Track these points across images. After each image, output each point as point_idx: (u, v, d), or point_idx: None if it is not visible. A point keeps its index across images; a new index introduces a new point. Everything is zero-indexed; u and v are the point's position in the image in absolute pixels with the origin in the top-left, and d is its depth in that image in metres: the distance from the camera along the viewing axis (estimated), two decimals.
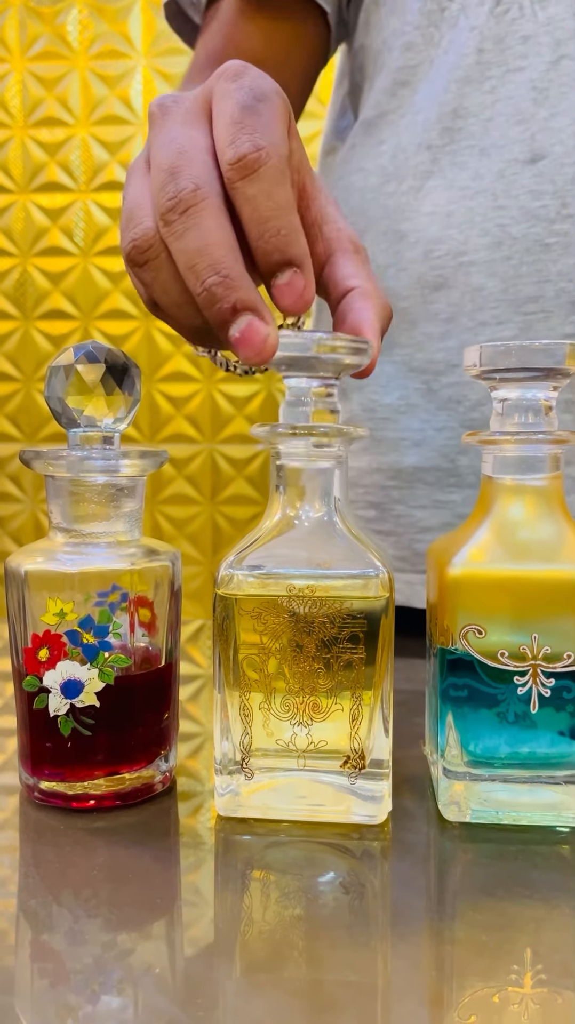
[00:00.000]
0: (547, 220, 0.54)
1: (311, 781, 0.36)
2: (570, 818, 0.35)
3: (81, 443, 0.38)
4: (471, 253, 0.56)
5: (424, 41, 0.58)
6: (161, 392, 1.48)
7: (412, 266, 0.59)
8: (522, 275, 0.55)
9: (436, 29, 0.57)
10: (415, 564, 0.61)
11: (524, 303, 0.55)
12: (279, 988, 0.26)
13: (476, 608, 0.34)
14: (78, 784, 0.37)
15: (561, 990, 0.26)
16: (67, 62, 1.46)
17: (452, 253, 0.57)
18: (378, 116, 0.61)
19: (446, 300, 0.58)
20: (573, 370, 0.34)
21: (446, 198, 0.57)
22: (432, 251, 0.58)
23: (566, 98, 0.53)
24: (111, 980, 0.26)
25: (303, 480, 0.36)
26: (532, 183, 0.54)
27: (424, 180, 0.58)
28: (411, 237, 0.59)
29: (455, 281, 0.57)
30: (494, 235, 0.55)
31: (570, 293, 0.54)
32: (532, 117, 0.54)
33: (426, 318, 0.59)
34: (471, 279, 0.56)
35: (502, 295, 0.56)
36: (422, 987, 0.27)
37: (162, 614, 0.38)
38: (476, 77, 0.55)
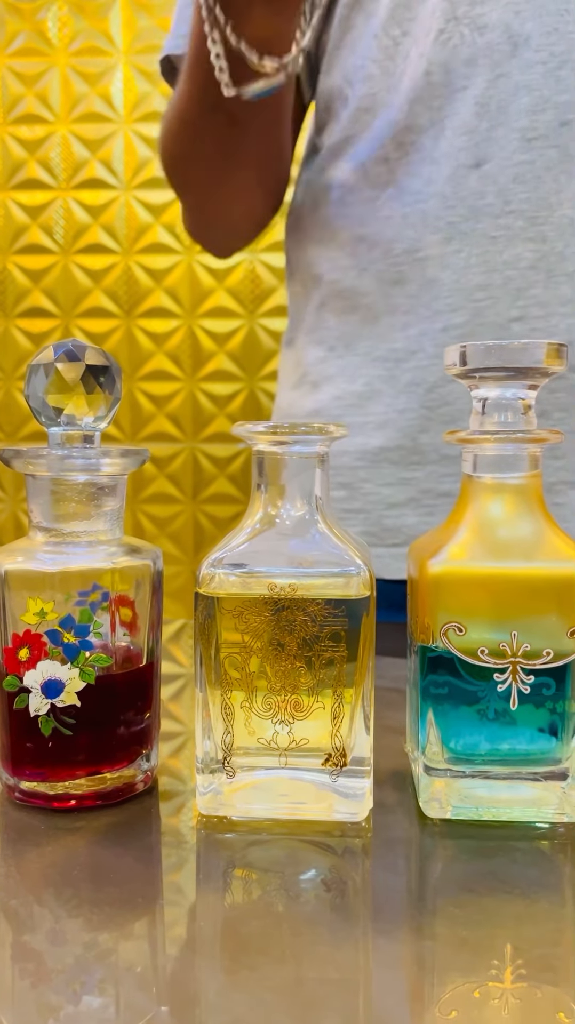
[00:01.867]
0: (492, 216, 0.61)
1: (293, 779, 0.36)
2: (549, 814, 0.35)
3: (61, 442, 0.37)
4: (425, 249, 0.63)
5: (381, 72, 0.65)
6: (142, 391, 1.48)
7: (373, 265, 0.66)
8: (471, 266, 0.62)
9: (391, 61, 0.64)
10: (383, 539, 0.66)
11: (474, 291, 0.62)
12: (261, 986, 0.26)
13: (456, 606, 0.34)
14: (59, 784, 0.37)
15: (541, 984, 0.26)
16: (47, 59, 1.46)
17: (408, 251, 0.64)
18: (343, 140, 0.68)
19: (404, 293, 0.64)
20: (552, 369, 0.34)
21: (401, 203, 0.64)
22: (391, 250, 0.65)
23: (504, 111, 0.61)
24: (93, 980, 0.26)
25: (284, 479, 0.36)
26: (478, 184, 0.61)
27: (382, 190, 0.65)
28: (370, 240, 0.66)
29: (412, 275, 0.64)
30: (445, 232, 0.62)
31: (515, 280, 0.61)
32: (475, 129, 0.61)
33: (387, 311, 0.65)
34: (426, 272, 0.63)
35: (454, 285, 0.62)
36: (403, 983, 0.27)
37: (143, 613, 0.38)
38: (426, 97, 0.62)
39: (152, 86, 1.45)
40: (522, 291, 0.61)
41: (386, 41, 0.64)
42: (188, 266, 1.46)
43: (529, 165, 0.60)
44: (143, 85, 1.45)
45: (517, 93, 0.60)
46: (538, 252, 0.60)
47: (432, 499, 0.65)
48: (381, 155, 0.65)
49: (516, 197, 0.60)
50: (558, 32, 0.59)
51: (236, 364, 1.45)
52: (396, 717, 0.45)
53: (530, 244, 0.60)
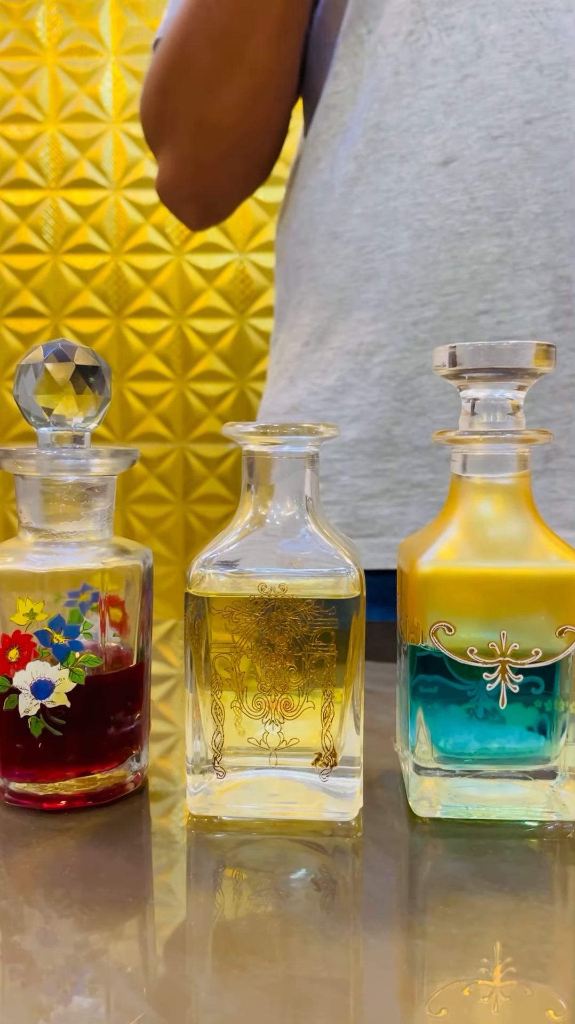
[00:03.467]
0: (459, 212, 0.63)
1: (283, 779, 0.36)
2: (539, 812, 0.36)
3: (51, 442, 0.37)
4: (396, 245, 0.65)
5: (348, 70, 0.66)
6: (132, 391, 1.47)
7: (347, 262, 0.67)
8: (440, 261, 0.63)
9: (357, 58, 0.66)
10: (359, 529, 0.68)
11: (443, 285, 0.63)
12: (251, 985, 0.26)
13: (446, 605, 0.34)
14: (49, 785, 0.37)
15: (530, 982, 0.26)
16: (36, 58, 1.45)
17: (381, 247, 0.65)
18: (314, 137, 0.70)
19: (375, 288, 0.66)
20: (541, 370, 0.34)
21: (373, 200, 0.66)
22: (364, 247, 0.66)
23: (470, 109, 0.62)
24: (83, 980, 0.26)
25: (274, 479, 0.36)
26: (445, 182, 0.63)
27: (352, 187, 0.67)
28: (345, 237, 0.67)
29: (383, 271, 0.65)
30: (415, 228, 0.64)
31: (482, 275, 0.63)
32: (443, 127, 0.63)
33: (359, 306, 0.67)
34: (397, 268, 0.65)
35: (424, 280, 0.64)
36: (393, 981, 0.27)
37: (133, 613, 0.38)
38: (394, 96, 0.64)
39: (141, 86, 1.44)
40: (488, 285, 0.62)
41: (352, 39, 0.66)
42: (178, 266, 1.46)
43: (495, 162, 0.62)
44: (132, 85, 1.44)
45: (483, 92, 0.62)
46: (504, 247, 0.62)
47: (406, 490, 0.66)
48: (352, 152, 0.66)
49: (482, 194, 0.62)
50: (523, 33, 0.61)
51: (226, 364, 1.45)
52: (386, 717, 0.45)
53: (496, 239, 0.62)
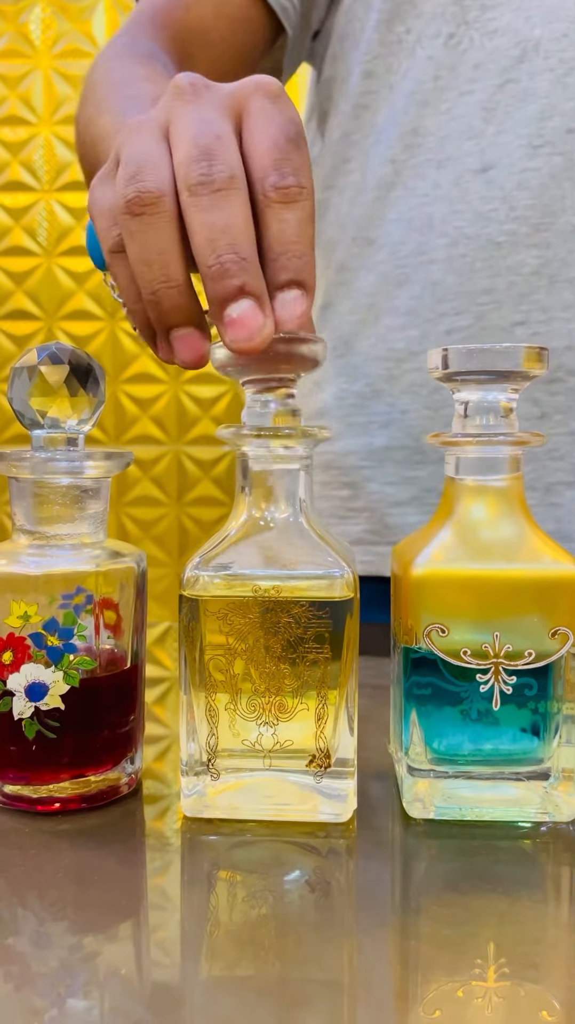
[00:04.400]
0: (497, 221, 0.61)
1: (277, 781, 0.36)
2: (532, 813, 0.36)
3: (45, 445, 0.37)
4: (431, 252, 0.63)
5: (383, 69, 0.64)
6: (127, 393, 1.47)
7: (379, 267, 0.65)
8: (476, 270, 0.62)
9: (395, 58, 0.64)
10: (386, 536, 0.67)
11: (478, 295, 0.62)
12: (246, 987, 0.26)
13: (439, 607, 0.34)
14: (43, 787, 0.37)
15: (524, 983, 0.27)
16: (30, 61, 1.45)
17: (414, 253, 0.64)
18: (342, 137, 0.67)
19: (407, 295, 0.64)
20: (533, 373, 0.34)
21: (408, 205, 0.64)
22: (396, 252, 0.64)
23: (511, 116, 0.61)
24: (77, 983, 0.26)
25: (268, 481, 0.36)
26: (483, 189, 0.61)
27: (388, 191, 0.65)
28: (379, 242, 0.65)
29: (416, 277, 0.64)
30: (451, 236, 0.62)
31: (518, 285, 0.61)
32: (482, 133, 0.61)
33: (389, 312, 0.65)
34: (431, 275, 0.63)
35: (459, 288, 0.62)
36: (387, 982, 0.27)
37: (127, 616, 0.38)
38: (433, 100, 0.62)
39: None
40: (525, 296, 0.61)
41: (390, 37, 0.64)
42: None
43: (534, 172, 0.60)
44: None
45: (524, 99, 0.60)
46: (541, 258, 0.60)
47: (435, 497, 0.65)
48: (387, 156, 0.64)
49: (521, 203, 0.60)
50: (568, 38, 0.59)
51: None
52: (380, 718, 0.45)
53: (534, 250, 0.60)
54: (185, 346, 0.35)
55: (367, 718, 0.46)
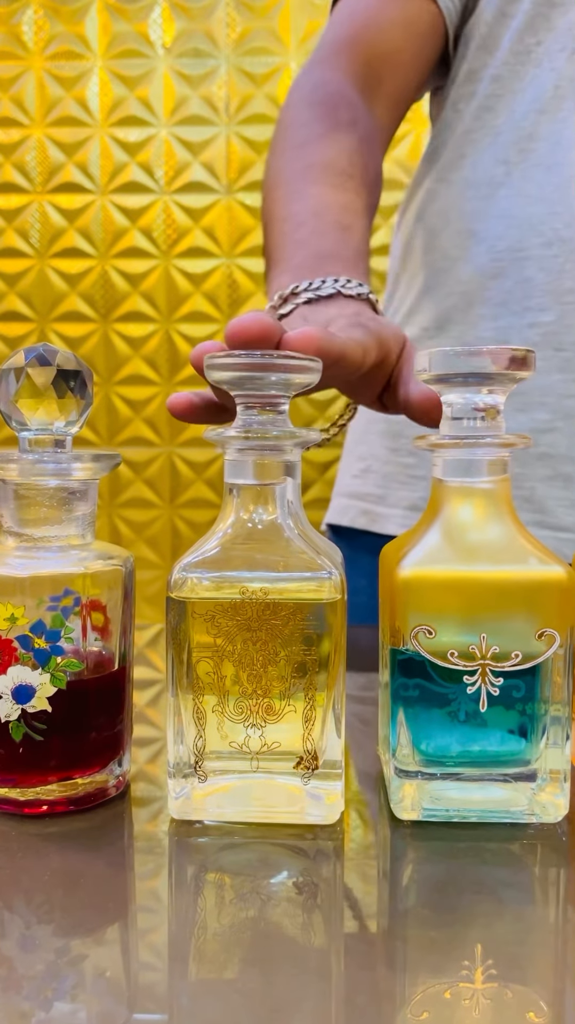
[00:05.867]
0: None
1: (265, 783, 0.36)
2: (520, 814, 0.36)
3: (32, 447, 0.37)
4: (527, 250, 0.66)
5: (510, 75, 0.68)
6: (119, 395, 1.47)
7: (477, 259, 0.69)
8: (566, 270, 0.65)
9: (522, 66, 0.68)
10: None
11: (564, 294, 0.65)
12: (233, 989, 0.26)
13: (426, 609, 0.35)
14: (30, 790, 0.36)
15: (511, 984, 0.27)
16: (22, 62, 1.45)
17: (511, 249, 0.67)
18: (464, 135, 0.71)
19: (500, 288, 0.67)
20: (518, 376, 0.34)
21: (511, 204, 0.67)
22: (495, 246, 0.68)
23: None
24: (64, 986, 0.26)
25: (256, 483, 0.36)
26: None
27: (497, 189, 0.68)
28: (480, 235, 0.69)
29: (510, 272, 0.67)
30: (547, 236, 0.65)
31: None
32: None
33: (480, 302, 0.68)
34: (524, 271, 0.66)
35: (547, 286, 0.65)
36: (375, 984, 0.27)
37: (115, 618, 0.38)
38: (551, 109, 0.66)
39: (128, 90, 1.45)
40: None
41: (519, 47, 0.68)
42: (165, 270, 1.46)
43: None
44: (119, 89, 1.44)
45: None
46: None
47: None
48: (502, 157, 0.68)
49: None
50: None
51: None
52: (368, 720, 0.45)
53: None
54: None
55: (354, 720, 0.46)
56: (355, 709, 0.48)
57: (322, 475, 1.45)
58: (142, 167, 1.46)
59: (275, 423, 0.36)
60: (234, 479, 0.37)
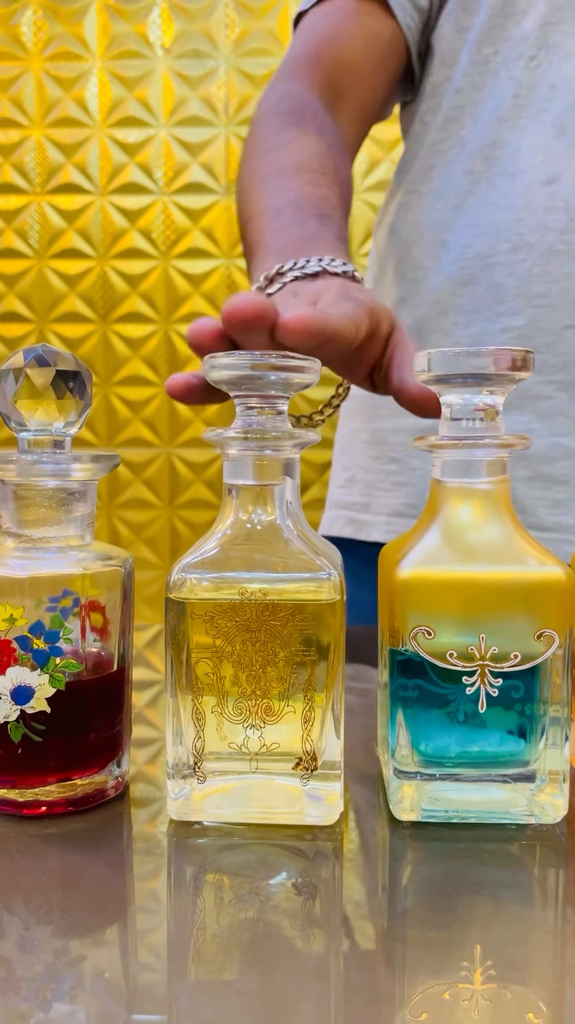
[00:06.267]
0: (558, 231, 0.65)
1: (264, 783, 0.36)
2: (518, 815, 0.36)
3: (31, 447, 0.37)
4: (495, 256, 0.67)
5: (471, 87, 0.69)
6: (118, 396, 1.47)
7: (447, 268, 0.70)
8: (534, 275, 0.65)
9: (482, 77, 0.69)
10: (421, 509, 0.70)
11: (534, 298, 0.66)
12: (232, 990, 0.26)
13: (425, 609, 0.35)
14: (29, 791, 0.36)
15: (510, 985, 0.27)
16: (21, 63, 1.45)
17: (480, 255, 0.68)
18: (431, 147, 0.72)
19: (471, 294, 0.68)
20: (518, 376, 0.34)
21: (478, 212, 0.68)
22: (463, 254, 0.69)
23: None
24: (63, 987, 0.26)
25: (255, 484, 0.36)
26: (547, 200, 0.65)
27: (464, 199, 0.69)
28: (450, 244, 0.70)
29: (480, 278, 0.68)
30: (514, 242, 0.66)
31: (572, 291, 0.65)
32: (550, 148, 0.65)
33: (454, 309, 0.69)
34: (494, 277, 0.67)
35: (517, 291, 0.66)
36: (374, 985, 0.27)
37: (114, 619, 0.38)
38: (511, 116, 0.67)
39: (127, 91, 1.45)
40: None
41: (478, 58, 0.69)
42: (164, 271, 1.46)
43: None
44: (118, 90, 1.45)
45: None
46: None
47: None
48: (467, 167, 0.69)
49: None
50: None
51: None
52: (367, 721, 0.45)
53: None
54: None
55: (354, 721, 0.46)
56: (350, 707, 0.48)
57: (321, 476, 1.45)
58: (141, 168, 1.46)
59: (274, 423, 0.36)
60: (233, 480, 0.37)
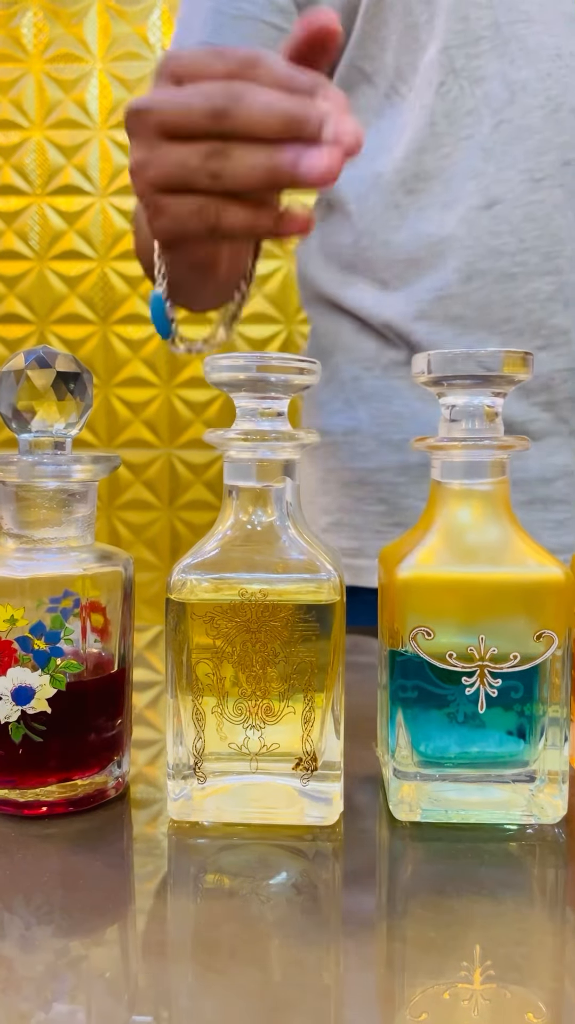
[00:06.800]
0: (509, 254, 0.63)
1: (264, 784, 0.36)
2: (518, 816, 0.36)
3: (31, 448, 0.37)
4: (447, 288, 0.65)
5: (388, 124, 0.67)
6: (119, 397, 1.47)
7: (396, 305, 0.68)
8: (494, 302, 0.64)
9: (393, 109, 0.67)
10: None
11: (499, 325, 0.64)
12: (231, 990, 0.26)
13: (425, 610, 0.35)
14: (30, 791, 0.36)
15: (509, 985, 0.27)
16: (22, 65, 1.45)
17: (430, 289, 0.66)
18: (345, 184, 0.68)
19: (426, 329, 0.66)
20: (517, 377, 0.35)
21: (416, 246, 0.66)
22: (412, 292, 0.67)
23: (509, 154, 0.63)
24: (64, 987, 0.26)
25: (255, 485, 0.36)
26: (491, 224, 0.64)
27: (394, 234, 0.67)
28: (393, 284, 0.68)
29: (434, 313, 0.66)
30: (464, 271, 0.64)
31: (536, 312, 0.64)
32: (483, 172, 0.64)
33: (410, 345, 0.67)
34: (449, 310, 0.65)
35: (479, 321, 0.65)
36: (373, 985, 0.27)
37: (115, 619, 0.38)
38: (431, 146, 0.65)
39: (128, 93, 1.45)
40: (543, 321, 0.63)
41: (396, 99, 0.67)
42: None
43: (539, 204, 0.63)
44: (119, 92, 1.45)
45: (520, 136, 0.63)
46: (555, 284, 0.63)
47: None
48: (391, 201, 0.67)
49: (529, 235, 0.63)
50: (552, 77, 0.62)
51: None
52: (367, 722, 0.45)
53: (547, 277, 0.63)
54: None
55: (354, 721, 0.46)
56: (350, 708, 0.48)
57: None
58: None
59: (274, 425, 0.36)
60: (233, 481, 0.37)
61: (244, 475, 0.36)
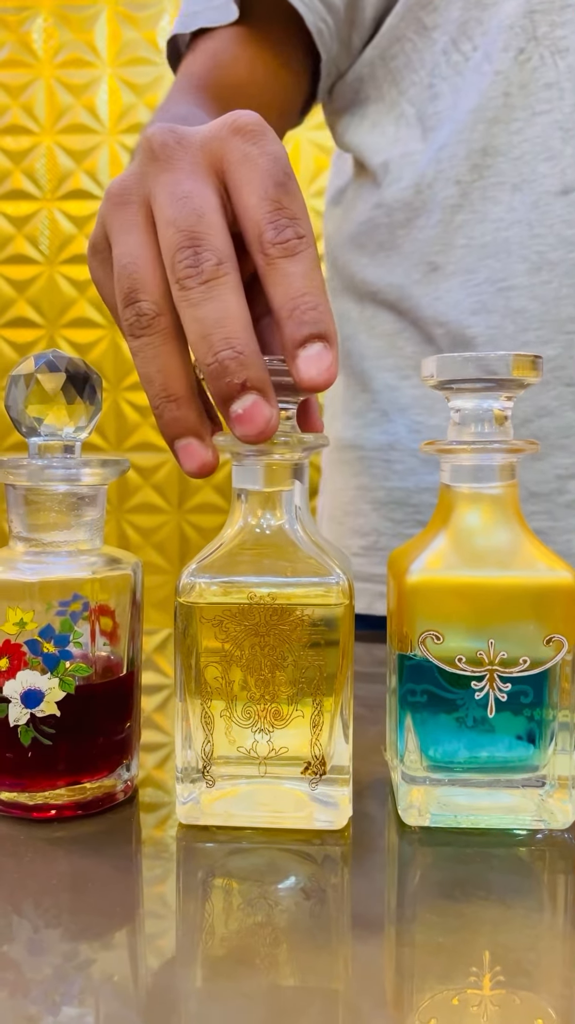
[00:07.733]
0: None
1: (272, 788, 0.36)
2: (527, 821, 0.36)
3: (41, 452, 0.38)
4: (510, 279, 0.60)
5: (450, 88, 0.61)
6: (127, 400, 1.48)
7: (449, 295, 0.62)
8: (562, 297, 0.59)
9: (460, 77, 0.61)
10: None
11: (566, 323, 0.59)
12: (240, 994, 0.26)
13: (434, 614, 0.35)
14: (39, 794, 0.37)
15: (518, 991, 0.27)
16: (32, 70, 1.46)
17: (490, 280, 0.61)
18: (403, 156, 0.64)
19: (485, 323, 0.61)
20: (527, 381, 0.34)
21: (480, 231, 0.61)
22: (470, 279, 0.61)
23: None
24: (72, 990, 0.26)
25: (264, 488, 0.36)
26: (565, 212, 0.58)
27: (453, 214, 0.62)
28: (448, 268, 0.62)
29: (494, 305, 0.61)
30: (533, 261, 0.59)
31: None
32: (560, 154, 0.58)
33: (465, 343, 0.62)
34: (511, 303, 0.60)
35: (544, 316, 0.59)
36: (382, 991, 0.27)
37: (124, 623, 0.38)
38: (503, 118, 0.59)
39: (137, 97, 1.45)
40: None
41: (456, 57, 0.61)
42: None
43: None
44: (128, 97, 1.45)
45: None
46: None
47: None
48: (451, 176, 0.61)
49: None
50: None
51: None
52: (376, 726, 0.45)
53: None
54: (186, 456, 0.35)
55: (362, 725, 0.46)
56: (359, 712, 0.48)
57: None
58: None
59: (283, 428, 0.36)
60: (242, 484, 0.37)
61: (253, 479, 0.36)
